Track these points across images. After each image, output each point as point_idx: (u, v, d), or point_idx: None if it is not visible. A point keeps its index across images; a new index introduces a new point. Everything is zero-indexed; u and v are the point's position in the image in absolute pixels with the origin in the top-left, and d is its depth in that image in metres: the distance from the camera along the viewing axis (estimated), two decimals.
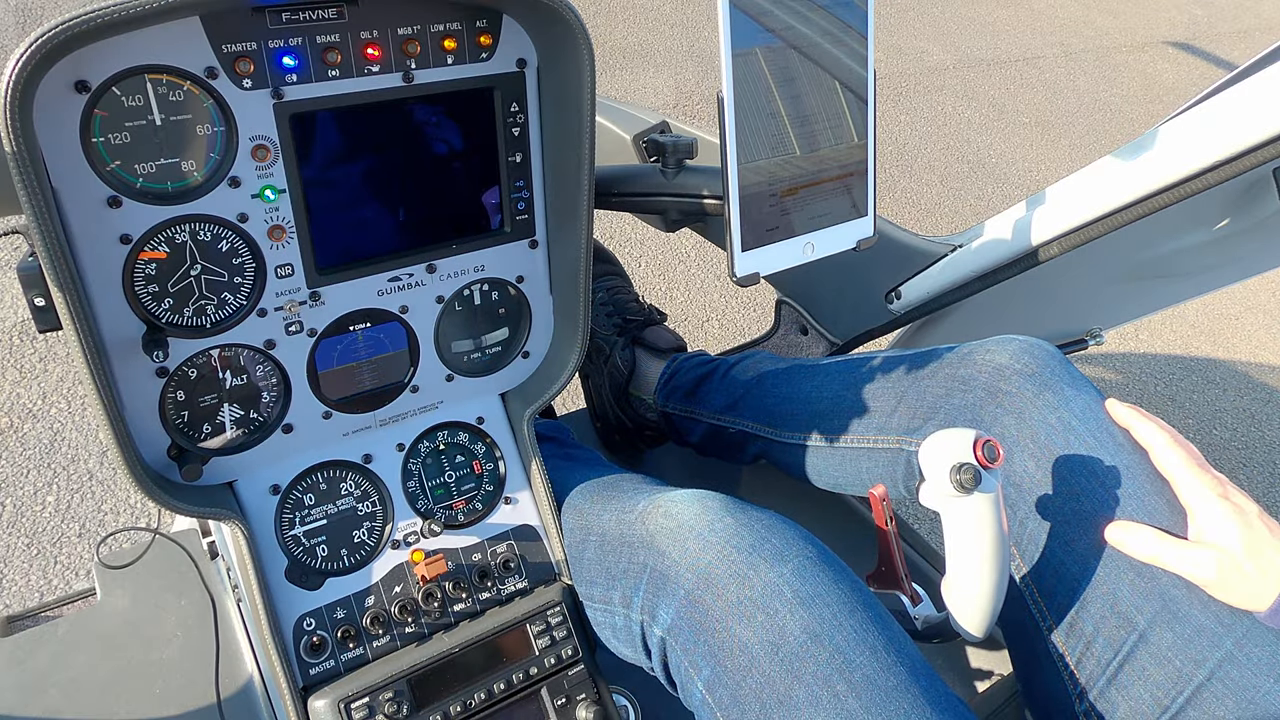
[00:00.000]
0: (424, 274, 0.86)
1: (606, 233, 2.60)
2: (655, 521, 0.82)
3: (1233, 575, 0.74)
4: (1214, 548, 0.75)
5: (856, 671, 0.69)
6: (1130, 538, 0.79)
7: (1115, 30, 5.24)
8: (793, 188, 0.79)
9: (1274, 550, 0.73)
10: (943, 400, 0.94)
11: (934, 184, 3.31)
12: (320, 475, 0.87)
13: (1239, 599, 0.74)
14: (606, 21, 3.82)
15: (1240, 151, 0.86)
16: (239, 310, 0.78)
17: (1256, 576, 0.73)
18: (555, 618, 0.90)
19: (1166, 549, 0.77)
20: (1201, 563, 0.75)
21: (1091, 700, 0.81)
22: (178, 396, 0.78)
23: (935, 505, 0.76)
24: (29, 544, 1.60)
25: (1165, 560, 0.77)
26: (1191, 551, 0.76)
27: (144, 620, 1.05)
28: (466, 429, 0.95)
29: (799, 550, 0.75)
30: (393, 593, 0.87)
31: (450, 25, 0.78)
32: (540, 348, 0.97)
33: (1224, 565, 0.74)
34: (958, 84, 4.11)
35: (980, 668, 1.20)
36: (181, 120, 0.70)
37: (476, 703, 0.85)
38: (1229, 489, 0.78)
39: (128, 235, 0.70)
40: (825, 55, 0.78)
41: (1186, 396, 2.57)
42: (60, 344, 1.95)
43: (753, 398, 1.15)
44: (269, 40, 0.71)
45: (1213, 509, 0.76)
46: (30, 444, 1.76)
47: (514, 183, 0.87)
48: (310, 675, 0.83)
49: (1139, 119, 4.20)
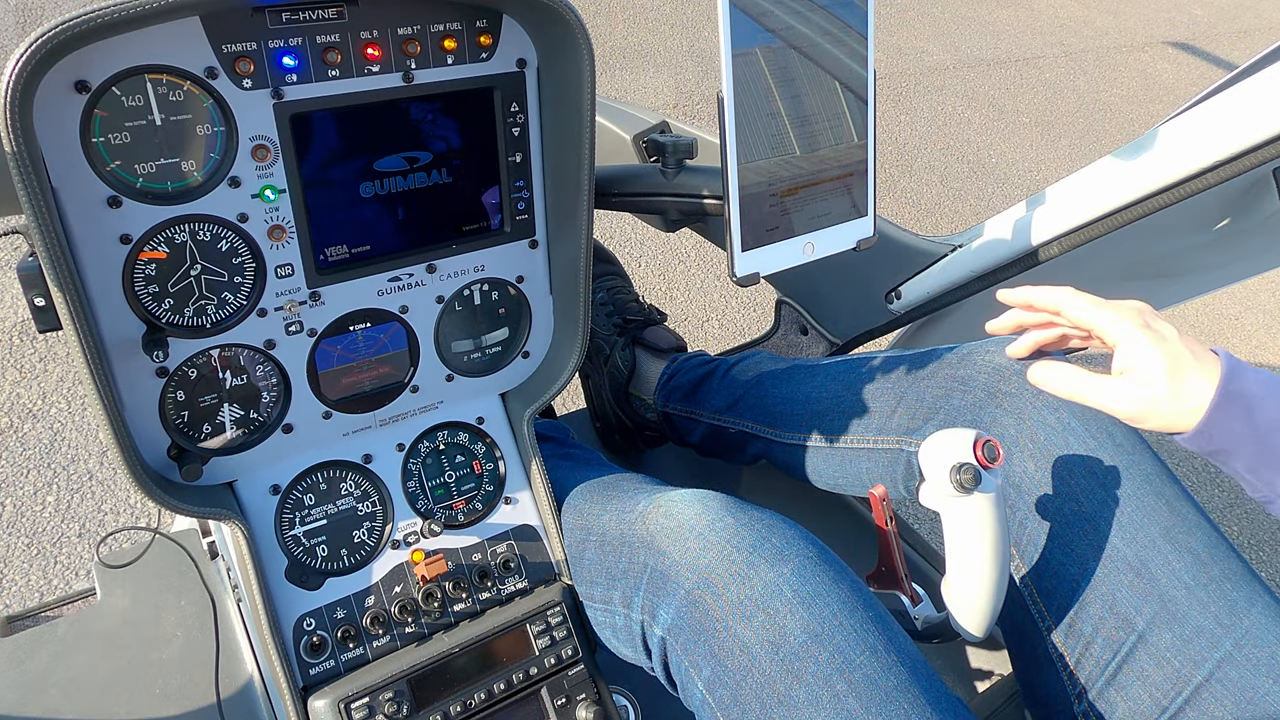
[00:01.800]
0: (424, 274, 0.86)
1: (606, 233, 2.60)
2: (655, 521, 0.82)
3: (1154, 404, 0.73)
4: (1135, 379, 0.74)
5: (857, 671, 0.69)
6: (1052, 375, 0.78)
7: (1115, 30, 5.24)
8: (793, 188, 0.79)
9: (1196, 374, 0.71)
10: (942, 400, 0.94)
11: (934, 184, 3.31)
12: (320, 475, 0.87)
13: (1162, 425, 0.74)
14: (606, 21, 3.82)
15: (1240, 151, 0.86)
16: (239, 310, 0.78)
17: (1178, 401, 0.72)
18: (555, 618, 0.90)
19: (1087, 384, 0.76)
20: (1120, 395, 0.74)
21: (1091, 700, 0.81)
22: (178, 396, 0.78)
23: (935, 505, 0.76)
24: (29, 544, 1.60)
25: (1086, 396, 0.76)
26: (1111, 384, 0.75)
27: (144, 620, 1.05)
28: (466, 429, 0.95)
29: (799, 550, 0.75)
30: (393, 593, 0.87)
31: (450, 25, 0.78)
32: (540, 348, 0.97)
33: (1144, 396, 0.73)
34: (958, 84, 4.11)
35: (980, 668, 1.20)
36: (181, 120, 0.70)
37: (476, 703, 0.85)
38: (1148, 316, 0.76)
39: (128, 235, 0.70)
40: (825, 55, 0.78)
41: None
42: (60, 344, 1.95)
43: (753, 398, 1.15)
44: (269, 40, 0.71)
45: (1133, 338, 0.74)
46: (30, 444, 1.76)
47: (514, 183, 0.87)
48: (310, 675, 0.83)
49: (1139, 119, 4.20)
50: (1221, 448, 0.72)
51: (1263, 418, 0.70)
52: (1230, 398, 0.70)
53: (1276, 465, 0.70)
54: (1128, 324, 0.74)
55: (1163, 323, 0.75)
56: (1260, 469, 0.71)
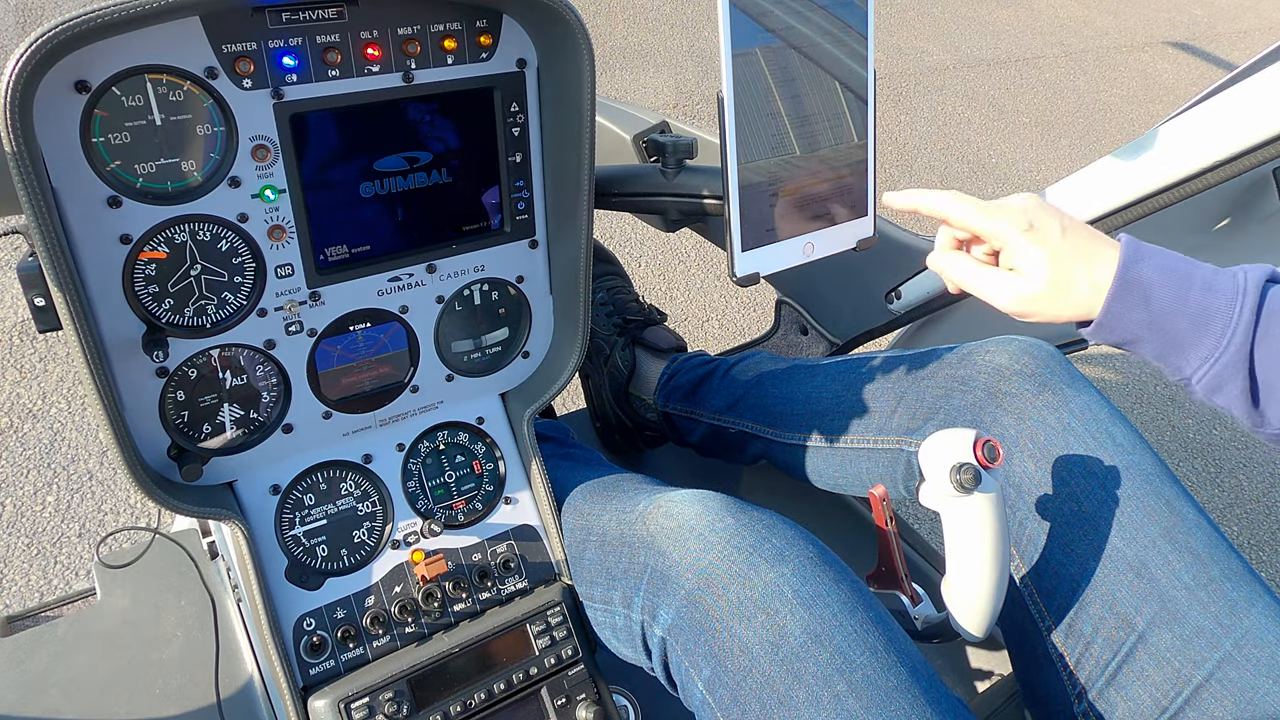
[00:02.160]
0: (424, 274, 0.86)
1: (606, 233, 2.60)
2: (656, 522, 0.82)
3: (1035, 302, 0.75)
4: (1018, 277, 0.75)
5: (857, 672, 0.69)
6: (947, 263, 0.80)
7: (1115, 30, 5.24)
8: (793, 188, 0.79)
9: (1081, 271, 0.73)
10: (942, 401, 0.94)
11: (934, 184, 3.30)
12: (320, 475, 0.87)
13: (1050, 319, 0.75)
14: (606, 21, 3.82)
15: (1240, 151, 0.86)
16: (239, 310, 0.78)
17: (1059, 299, 0.74)
18: (555, 618, 0.90)
19: (977, 277, 0.78)
20: (1004, 291, 0.76)
21: (1091, 700, 0.81)
22: (178, 396, 0.78)
23: (935, 505, 0.76)
24: (29, 544, 1.60)
25: (974, 288, 0.78)
26: (998, 280, 0.76)
27: (144, 620, 1.05)
28: (466, 429, 0.95)
29: (799, 550, 0.75)
30: (393, 593, 0.87)
31: (450, 25, 0.78)
32: (540, 348, 0.97)
33: (1025, 294, 0.75)
34: (958, 84, 4.11)
35: (980, 668, 1.20)
36: (181, 120, 0.70)
37: (476, 703, 0.85)
38: (1034, 214, 0.75)
39: (128, 235, 0.70)
40: (825, 55, 0.78)
41: (1186, 397, 2.57)
42: (60, 344, 1.95)
43: (753, 398, 1.15)
44: (269, 40, 0.71)
45: (1013, 242, 0.75)
46: (30, 444, 1.76)
47: (514, 183, 0.87)
48: (310, 675, 0.83)
49: (1139, 119, 4.20)
50: (1125, 338, 0.73)
51: (1159, 304, 0.70)
52: (1127, 286, 0.71)
53: (1180, 350, 0.71)
54: (1009, 228, 0.75)
55: (1050, 218, 0.75)
56: (1166, 355, 0.72)
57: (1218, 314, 0.69)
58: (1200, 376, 0.71)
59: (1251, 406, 0.70)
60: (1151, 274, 0.71)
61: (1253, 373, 0.69)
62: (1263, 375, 0.69)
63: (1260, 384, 0.69)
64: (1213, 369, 0.70)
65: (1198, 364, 0.71)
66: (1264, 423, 0.71)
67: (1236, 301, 0.68)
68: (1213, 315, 0.69)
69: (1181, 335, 0.70)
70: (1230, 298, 0.69)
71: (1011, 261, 0.76)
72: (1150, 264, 0.71)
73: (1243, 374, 0.69)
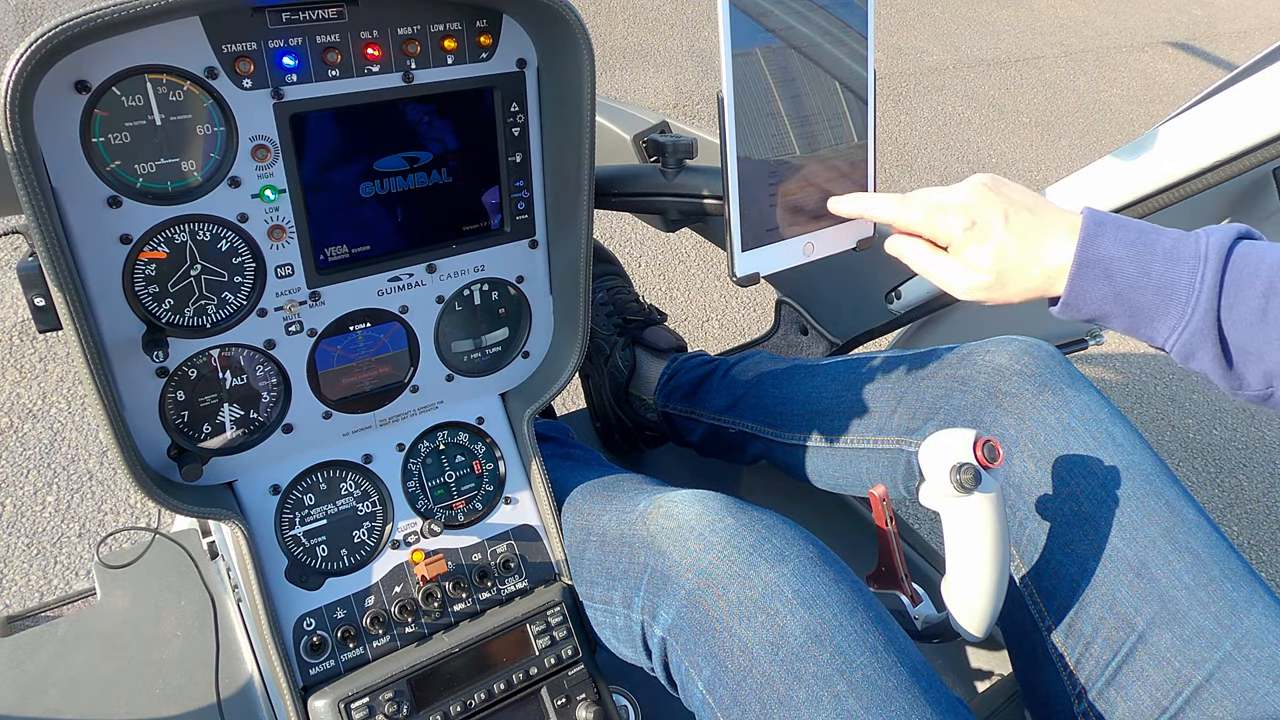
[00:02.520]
0: (424, 274, 0.86)
1: (606, 233, 2.60)
2: (656, 522, 0.82)
3: (986, 290, 0.76)
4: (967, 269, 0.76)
5: (857, 672, 0.69)
6: (904, 246, 0.80)
7: (1115, 30, 5.24)
8: (793, 188, 0.79)
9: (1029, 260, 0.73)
10: (942, 401, 0.94)
11: (934, 184, 3.29)
12: (320, 475, 0.87)
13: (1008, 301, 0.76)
14: (606, 21, 3.82)
15: (1240, 151, 0.86)
16: (239, 310, 0.78)
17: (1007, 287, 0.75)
18: (555, 618, 0.90)
19: (932, 263, 0.78)
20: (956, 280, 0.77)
21: (1091, 700, 0.81)
22: (178, 396, 0.78)
23: (935, 505, 0.76)
24: (29, 544, 1.60)
25: (929, 274, 0.78)
26: (951, 269, 0.77)
27: (144, 620, 1.05)
28: (466, 429, 0.95)
29: (799, 550, 0.75)
30: (393, 593, 0.87)
31: (450, 25, 0.78)
32: (540, 348, 0.97)
33: (976, 285, 0.76)
34: (958, 84, 4.11)
35: (980, 668, 1.20)
36: (181, 120, 0.70)
37: (476, 703, 0.85)
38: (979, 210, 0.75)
39: (128, 235, 0.70)
40: (825, 55, 0.78)
41: (1186, 396, 2.57)
42: (60, 344, 1.95)
43: (753, 398, 1.15)
44: (269, 40, 0.71)
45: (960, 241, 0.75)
46: (30, 444, 1.76)
47: (514, 183, 0.87)
48: (310, 675, 0.83)
49: (1139, 119, 4.20)
50: (1094, 314, 0.73)
51: (1122, 278, 0.70)
52: (1088, 264, 0.71)
53: (1149, 322, 0.71)
54: (951, 229, 0.76)
55: (994, 210, 0.75)
56: (1136, 328, 0.72)
57: (1180, 283, 0.68)
58: (1171, 345, 0.70)
59: (1227, 369, 0.69)
60: (1112, 248, 0.70)
61: (1223, 337, 0.68)
62: (1233, 338, 0.68)
63: (1232, 347, 0.68)
64: (1181, 337, 0.69)
65: (1167, 333, 0.70)
66: (1243, 385, 0.70)
67: (1198, 269, 0.68)
68: (1175, 285, 0.68)
69: (1147, 307, 0.70)
70: (1192, 266, 0.68)
71: (959, 257, 0.77)
72: (1110, 238, 0.70)
73: (1212, 340, 0.68)
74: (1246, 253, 0.68)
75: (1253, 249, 0.68)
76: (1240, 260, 0.67)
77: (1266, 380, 0.69)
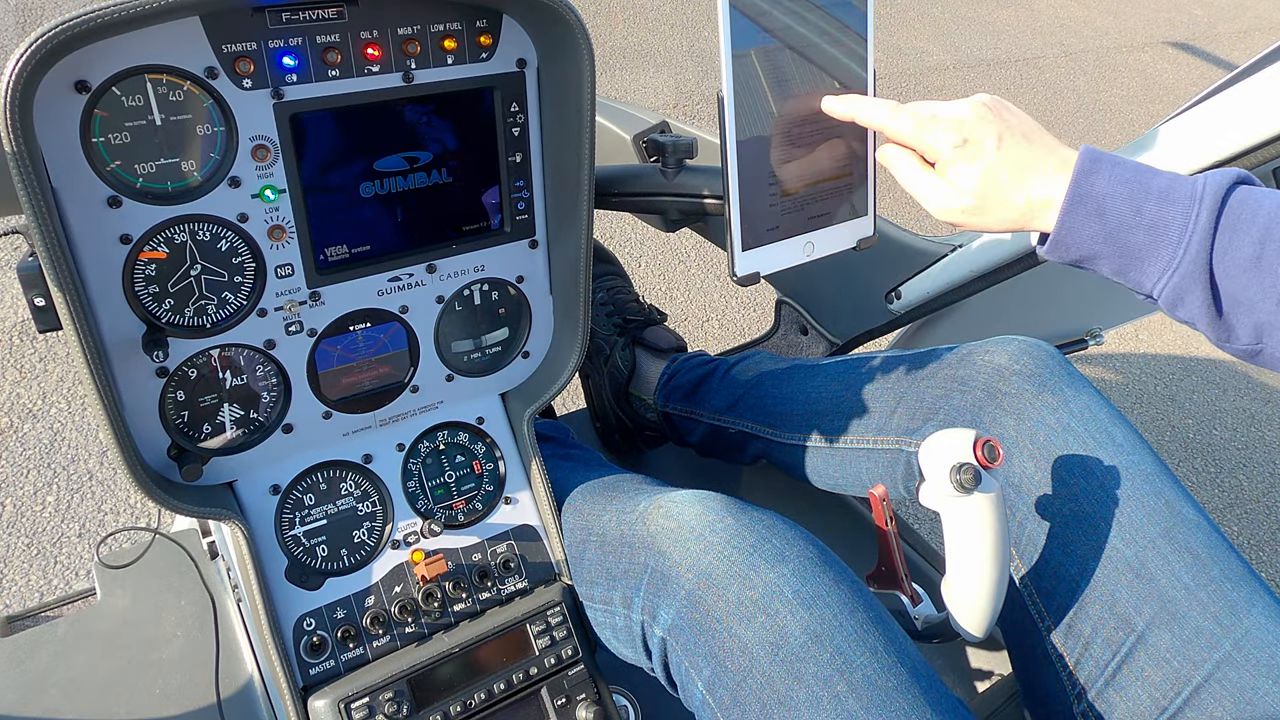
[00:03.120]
0: (424, 274, 0.86)
1: (606, 233, 2.60)
2: (656, 522, 0.82)
3: (965, 215, 0.74)
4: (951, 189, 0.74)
5: (857, 672, 0.69)
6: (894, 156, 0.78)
7: (1115, 30, 5.24)
8: (793, 187, 0.79)
9: (1016, 189, 0.71)
10: (942, 401, 0.94)
11: None
12: (320, 475, 0.87)
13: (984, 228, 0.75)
14: (606, 21, 3.82)
15: (1240, 151, 0.86)
16: (239, 310, 0.78)
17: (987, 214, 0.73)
18: (555, 618, 0.90)
19: (915, 178, 0.76)
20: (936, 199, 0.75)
21: (1090, 701, 0.81)
22: (178, 396, 0.78)
23: (935, 505, 0.76)
24: (29, 544, 1.60)
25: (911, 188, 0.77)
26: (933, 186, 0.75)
27: (144, 620, 1.05)
28: (466, 429, 0.95)
29: (799, 551, 0.75)
30: (393, 593, 0.87)
31: (450, 25, 0.78)
32: (540, 348, 0.97)
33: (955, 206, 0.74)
34: (958, 84, 4.11)
35: (980, 668, 1.20)
36: (181, 120, 0.70)
37: (476, 703, 0.85)
38: (972, 127, 0.73)
39: (128, 235, 0.70)
40: (825, 56, 0.78)
41: (1186, 396, 2.57)
42: (60, 344, 1.95)
43: (753, 398, 1.15)
44: (269, 40, 0.71)
45: (949, 158, 0.74)
46: (30, 444, 1.76)
47: (514, 182, 0.87)
48: (310, 675, 0.83)
49: (1139, 119, 4.20)
50: (1083, 254, 0.71)
51: (1114, 216, 0.68)
52: (1080, 200, 0.69)
53: (1138, 264, 0.68)
54: (941, 144, 0.73)
55: (988, 129, 0.72)
56: (1125, 270, 0.70)
57: (1173, 224, 0.66)
58: (1160, 290, 0.68)
59: (1216, 317, 0.67)
60: (1106, 186, 0.68)
61: (1214, 284, 0.66)
62: (1225, 286, 0.66)
63: (1223, 294, 0.66)
64: (1171, 280, 0.67)
65: (1156, 277, 0.68)
66: (1231, 336, 0.68)
67: (1193, 210, 0.65)
68: (1168, 225, 0.66)
69: (1138, 248, 0.67)
70: (1186, 206, 0.66)
71: (944, 174, 0.75)
72: (1106, 175, 0.68)
73: (1202, 284, 0.66)
74: (1245, 197, 0.65)
75: (1251, 194, 0.66)
76: (1238, 204, 0.65)
77: (1256, 333, 0.66)
